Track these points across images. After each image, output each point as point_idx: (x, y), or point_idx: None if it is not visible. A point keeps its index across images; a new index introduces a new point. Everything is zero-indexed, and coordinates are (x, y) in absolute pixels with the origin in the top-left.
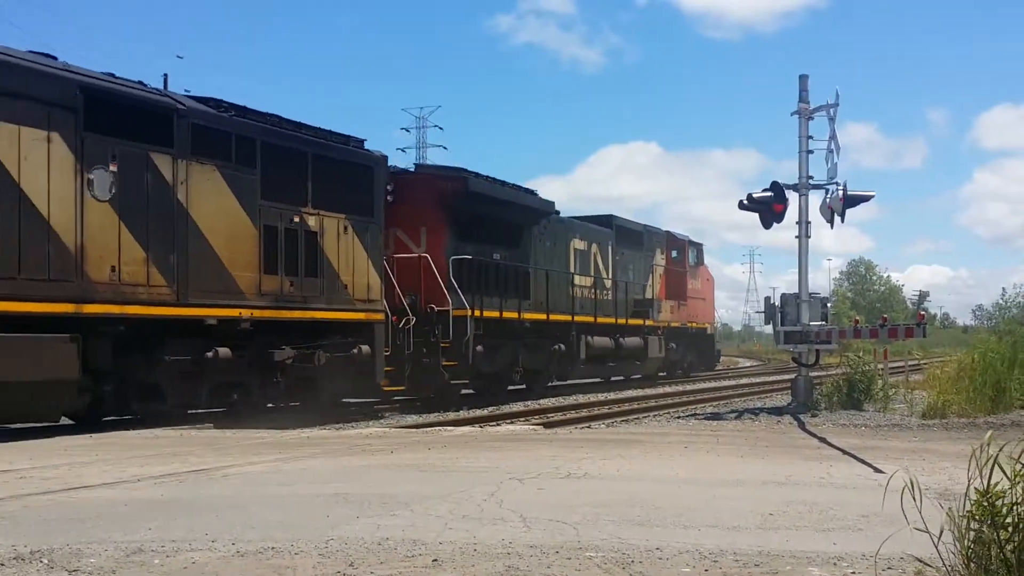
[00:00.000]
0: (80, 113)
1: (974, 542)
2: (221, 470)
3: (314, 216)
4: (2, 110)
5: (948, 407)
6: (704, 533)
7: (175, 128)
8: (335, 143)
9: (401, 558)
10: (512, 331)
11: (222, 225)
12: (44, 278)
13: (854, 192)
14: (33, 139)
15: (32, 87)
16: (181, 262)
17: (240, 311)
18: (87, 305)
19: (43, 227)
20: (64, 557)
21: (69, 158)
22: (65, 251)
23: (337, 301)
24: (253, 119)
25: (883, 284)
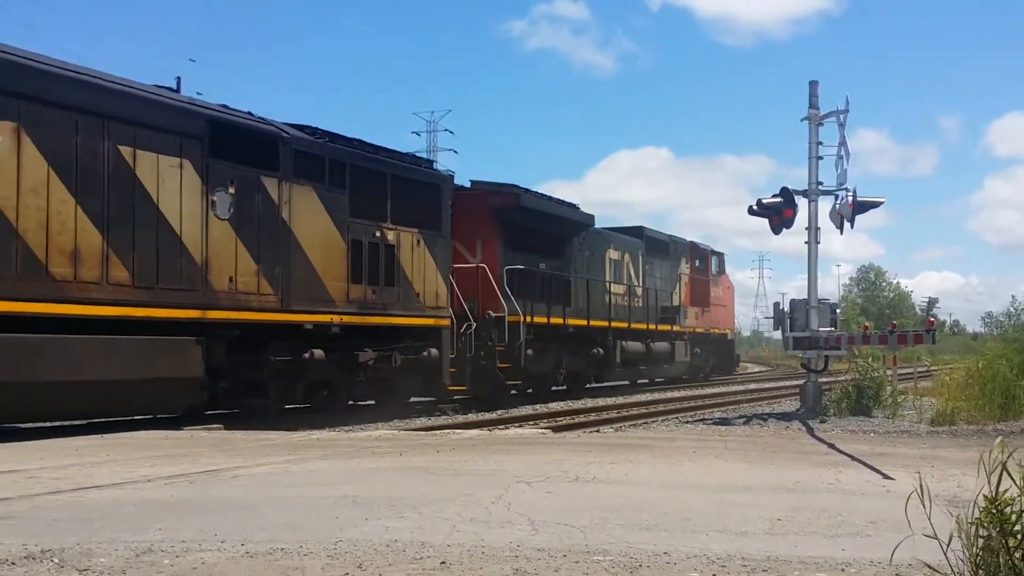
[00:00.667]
0: (206, 142)
1: (983, 549)
2: (231, 471)
3: (392, 231)
4: (145, 141)
5: (957, 414)
6: (712, 538)
7: (280, 154)
8: (409, 164)
9: (409, 560)
10: (557, 336)
11: (317, 240)
12: (177, 287)
13: (864, 198)
14: (169, 166)
15: (169, 120)
16: (284, 273)
17: (331, 317)
18: (210, 311)
19: (176, 243)
20: (74, 557)
21: (197, 182)
22: (193, 264)
23: (411, 308)
24: (342, 144)
25: (893, 290)
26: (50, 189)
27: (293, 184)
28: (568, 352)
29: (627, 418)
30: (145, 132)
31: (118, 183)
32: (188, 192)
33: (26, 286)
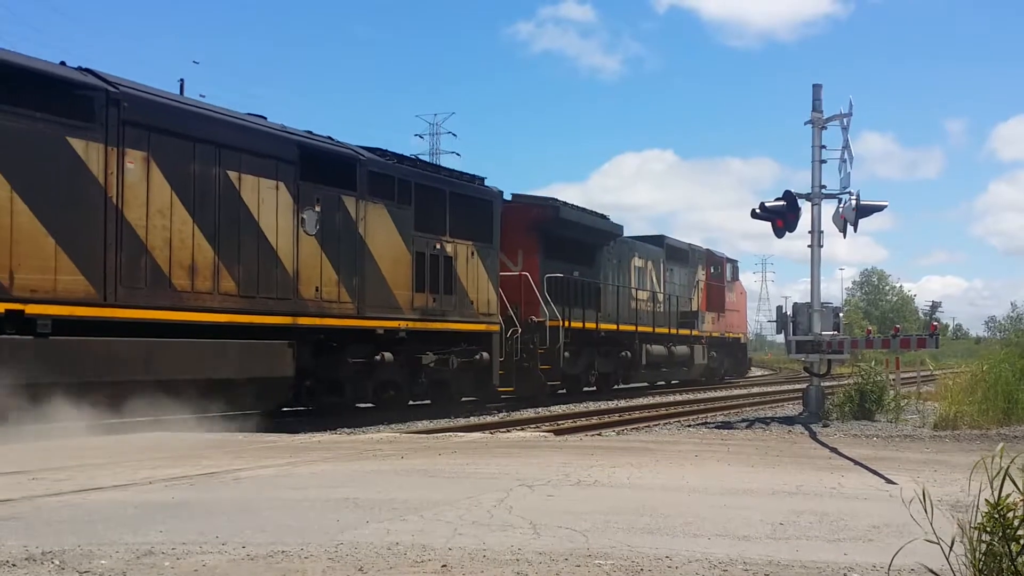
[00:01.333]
0: (297, 165)
1: (985, 554)
2: (232, 473)
3: (450, 243)
4: (248, 165)
5: (960, 418)
6: (714, 542)
7: (357, 175)
8: (464, 182)
9: (410, 563)
10: (589, 339)
11: (387, 252)
12: (273, 296)
13: (867, 202)
14: (267, 187)
15: (267, 147)
16: (360, 283)
17: (399, 323)
18: (300, 318)
19: (273, 256)
20: (75, 558)
21: (289, 201)
22: (286, 275)
23: (466, 314)
24: (407, 164)
25: (896, 294)
26: (173, 210)
27: (368, 202)
28: (599, 355)
29: (629, 421)
30: (248, 158)
31: (226, 204)
32: (282, 211)
33: (154, 296)
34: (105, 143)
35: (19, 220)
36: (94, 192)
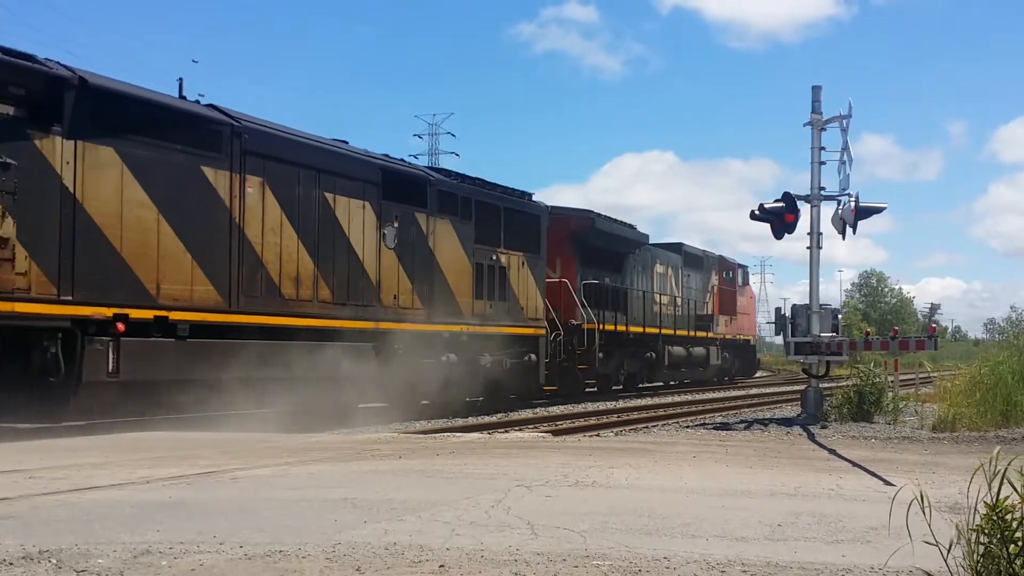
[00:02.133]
0: (379, 187)
1: (983, 556)
2: (230, 473)
3: (504, 255)
4: (341, 188)
5: (959, 420)
6: (712, 543)
7: (428, 194)
8: (516, 198)
9: (408, 563)
10: (619, 341)
11: (452, 263)
12: (360, 303)
13: (866, 204)
14: (356, 207)
15: (356, 171)
16: (430, 291)
17: (461, 327)
18: (382, 323)
19: (360, 268)
20: (72, 557)
21: (373, 219)
22: (370, 285)
23: (517, 319)
24: (468, 183)
25: (895, 296)
26: (282, 228)
27: (436, 218)
28: (627, 355)
29: (627, 422)
30: (341, 180)
31: (324, 222)
32: (368, 227)
33: (267, 303)
34: (230, 170)
35: (164, 240)
36: (221, 214)
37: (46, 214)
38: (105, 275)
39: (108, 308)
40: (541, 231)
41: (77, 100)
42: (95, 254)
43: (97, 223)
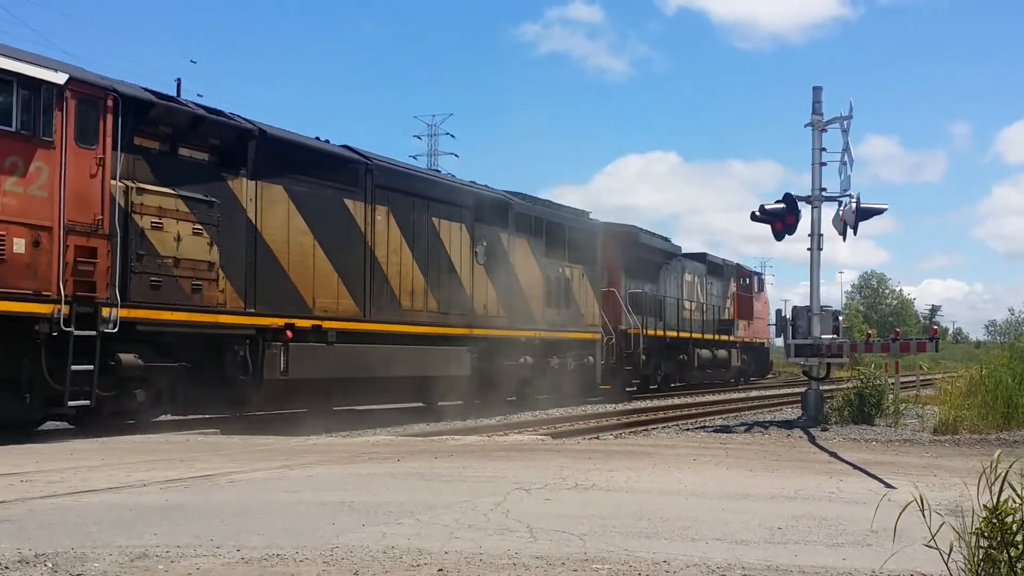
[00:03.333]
0: (472, 210)
1: (983, 559)
2: (227, 476)
3: (568, 268)
4: (444, 213)
5: (960, 423)
6: (712, 546)
7: (509, 215)
8: (577, 216)
9: (406, 567)
10: (657, 344)
11: (527, 276)
12: (457, 312)
13: (867, 205)
14: (455, 229)
15: (456, 198)
16: (511, 301)
17: (535, 332)
18: (474, 329)
19: (457, 281)
20: (68, 561)
21: (468, 239)
22: (465, 296)
23: (578, 325)
24: (539, 204)
25: (895, 298)
26: (401, 250)
27: (515, 236)
28: (663, 357)
29: (627, 425)
30: (444, 207)
31: (431, 243)
32: (463, 246)
33: (390, 313)
34: (364, 201)
35: (318, 262)
36: (357, 238)
37: (236, 242)
38: (277, 291)
39: (280, 319)
40: (597, 245)
41: (257, 147)
42: (270, 274)
43: (271, 248)
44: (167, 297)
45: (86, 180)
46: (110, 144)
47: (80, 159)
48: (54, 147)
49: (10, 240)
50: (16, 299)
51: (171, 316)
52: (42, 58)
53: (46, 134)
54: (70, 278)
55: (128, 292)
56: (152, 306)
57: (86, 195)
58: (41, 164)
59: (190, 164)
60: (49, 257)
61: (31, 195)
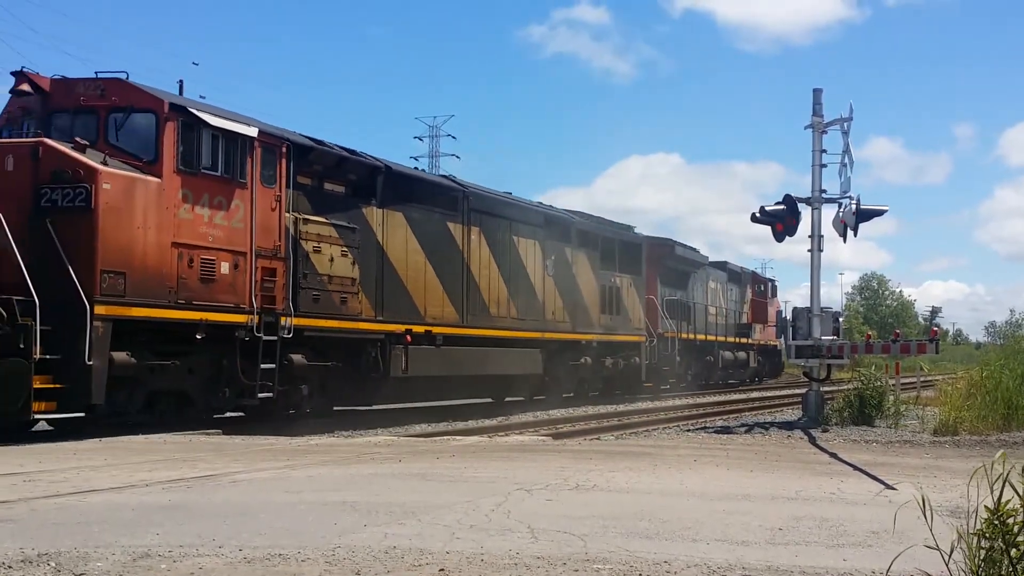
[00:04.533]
0: (543, 228)
1: (984, 560)
2: (229, 476)
3: (618, 277)
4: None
5: (960, 424)
6: (712, 547)
7: (571, 232)
8: (625, 231)
9: (408, 567)
10: (688, 347)
11: (586, 286)
12: (531, 318)
13: (867, 206)
14: (530, 245)
15: (531, 218)
16: (573, 308)
17: (592, 336)
18: (545, 333)
19: (532, 291)
20: (71, 561)
21: (540, 254)
22: (538, 303)
23: (627, 329)
24: (595, 222)
25: (895, 299)
26: (490, 265)
27: (576, 250)
28: (693, 359)
29: (628, 426)
30: (522, 226)
31: (512, 258)
32: (536, 260)
33: (481, 319)
34: (462, 224)
35: (428, 277)
36: (457, 255)
37: (369, 261)
38: (399, 302)
39: (401, 325)
40: (642, 257)
41: (383, 181)
42: (393, 287)
43: (394, 266)
44: (324, 308)
45: (268, 213)
46: (284, 183)
47: (264, 196)
48: (247, 187)
49: (219, 263)
50: (222, 311)
51: (327, 324)
52: (236, 114)
53: (242, 177)
54: (259, 293)
55: (297, 304)
56: (314, 315)
57: (269, 226)
58: (239, 201)
59: (334, 196)
60: (244, 277)
61: (232, 227)
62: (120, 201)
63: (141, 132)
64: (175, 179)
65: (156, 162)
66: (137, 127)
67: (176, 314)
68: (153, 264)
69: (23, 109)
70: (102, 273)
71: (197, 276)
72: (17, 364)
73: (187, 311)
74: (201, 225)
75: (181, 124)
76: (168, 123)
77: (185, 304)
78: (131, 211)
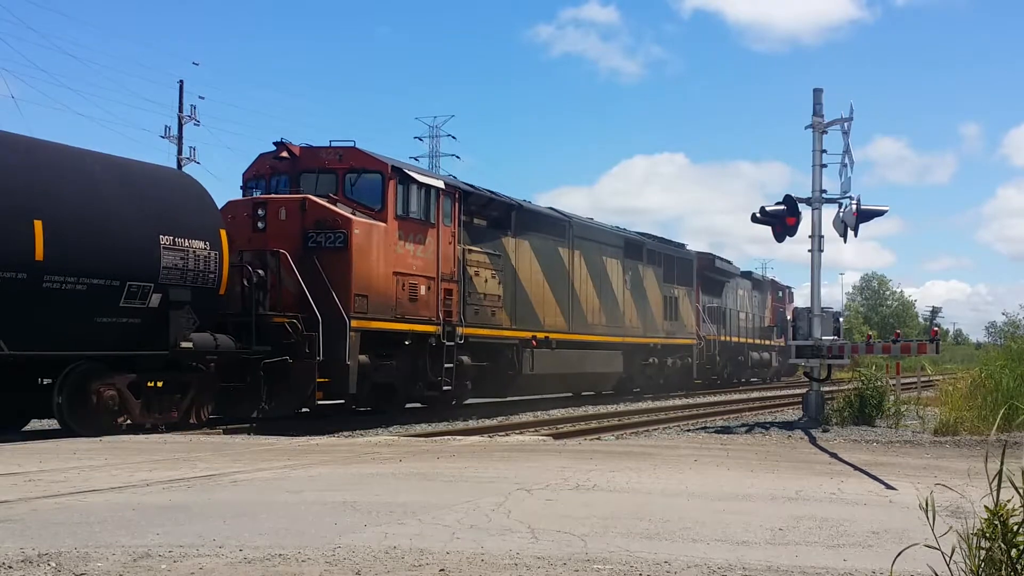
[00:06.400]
0: (622, 249)
1: (984, 560)
2: (230, 476)
3: (676, 289)
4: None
5: (960, 424)
6: (713, 547)
7: (644, 252)
8: (680, 248)
9: (408, 567)
10: (724, 348)
11: (652, 297)
12: (615, 325)
13: (867, 207)
14: (614, 264)
15: (614, 241)
16: (644, 316)
17: (657, 339)
18: (625, 337)
19: (615, 302)
20: (71, 561)
21: (620, 270)
22: (619, 312)
23: (682, 334)
24: (658, 240)
25: (896, 299)
26: (588, 281)
27: (646, 267)
28: (728, 359)
29: (628, 426)
30: (609, 248)
31: (601, 275)
32: (618, 276)
33: (581, 327)
34: (568, 248)
35: (546, 293)
36: (564, 275)
37: (507, 281)
38: (526, 313)
39: (528, 332)
40: (693, 271)
41: (516, 216)
42: (523, 302)
43: (523, 284)
44: (481, 320)
45: (447, 246)
46: (456, 221)
47: (445, 233)
48: (435, 227)
49: (419, 286)
50: (422, 323)
51: (483, 332)
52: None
53: (432, 219)
54: (442, 309)
55: (464, 317)
56: (475, 326)
57: (448, 256)
58: (430, 238)
59: (482, 229)
60: (433, 296)
61: (426, 258)
62: (364, 241)
63: (371, 188)
64: (394, 223)
65: (383, 210)
66: (367, 184)
67: (397, 326)
68: (383, 288)
69: (271, 168)
70: (355, 296)
71: (407, 297)
72: (308, 365)
73: (402, 323)
74: (409, 257)
75: (398, 181)
76: (390, 181)
77: (400, 318)
78: (370, 249)
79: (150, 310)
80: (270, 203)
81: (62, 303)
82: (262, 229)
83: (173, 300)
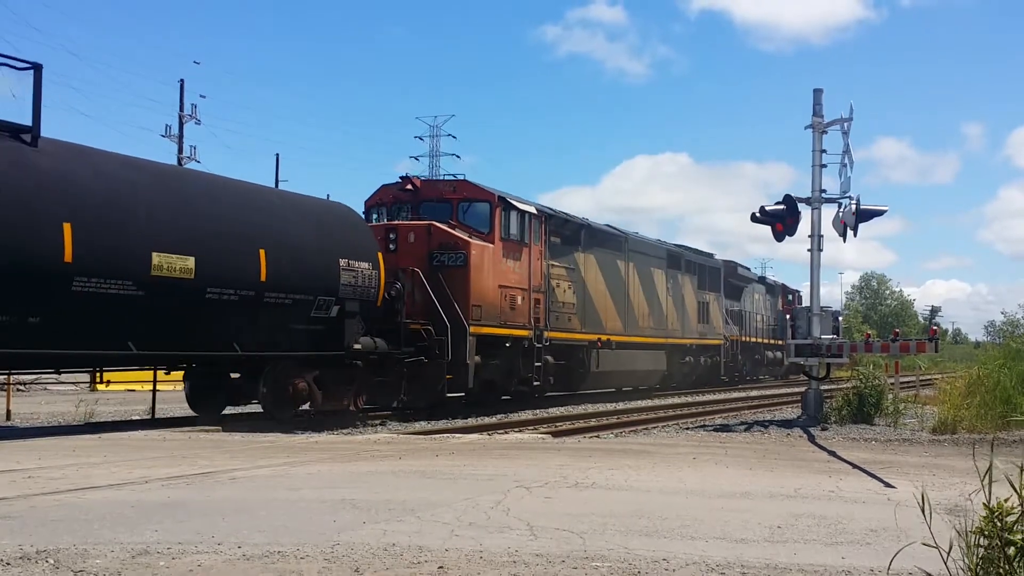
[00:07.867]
0: (665, 260)
1: (983, 558)
2: (228, 473)
3: (707, 294)
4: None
5: (958, 423)
6: (711, 545)
7: (681, 262)
8: (709, 257)
9: (407, 564)
10: (744, 348)
11: (689, 302)
12: (658, 328)
13: (867, 206)
14: (659, 273)
15: (658, 253)
16: (682, 319)
17: (692, 340)
18: (667, 339)
19: (660, 308)
20: (70, 558)
21: (664, 279)
22: (663, 316)
23: (712, 335)
24: (692, 252)
25: (895, 299)
26: (638, 289)
27: (684, 275)
28: (746, 358)
29: (627, 424)
30: (654, 259)
31: (649, 283)
32: (662, 284)
33: (633, 329)
34: (624, 261)
35: (607, 300)
36: (621, 284)
37: (578, 290)
38: (593, 318)
39: (594, 335)
40: (721, 278)
41: (585, 233)
42: (590, 308)
43: (590, 293)
44: (560, 325)
45: (536, 262)
46: (544, 241)
47: (535, 251)
48: (528, 246)
49: (517, 297)
50: (518, 328)
51: (563, 335)
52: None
53: (525, 240)
54: (533, 316)
55: (549, 323)
56: (556, 330)
57: (537, 270)
58: (524, 256)
59: (559, 246)
60: (526, 305)
61: (521, 273)
62: (479, 260)
63: (480, 215)
64: (499, 244)
65: (490, 233)
66: (477, 211)
67: (501, 331)
68: (492, 299)
69: (394, 197)
70: (472, 307)
71: (508, 306)
72: (440, 364)
73: (505, 329)
74: (509, 273)
75: (503, 209)
76: (496, 208)
77: (503, 324)
78: (483, 266)
79: (331, 319)
80: (400, 228)
81: (274, 314)
82: (393, 250)
83: (348, 311)
